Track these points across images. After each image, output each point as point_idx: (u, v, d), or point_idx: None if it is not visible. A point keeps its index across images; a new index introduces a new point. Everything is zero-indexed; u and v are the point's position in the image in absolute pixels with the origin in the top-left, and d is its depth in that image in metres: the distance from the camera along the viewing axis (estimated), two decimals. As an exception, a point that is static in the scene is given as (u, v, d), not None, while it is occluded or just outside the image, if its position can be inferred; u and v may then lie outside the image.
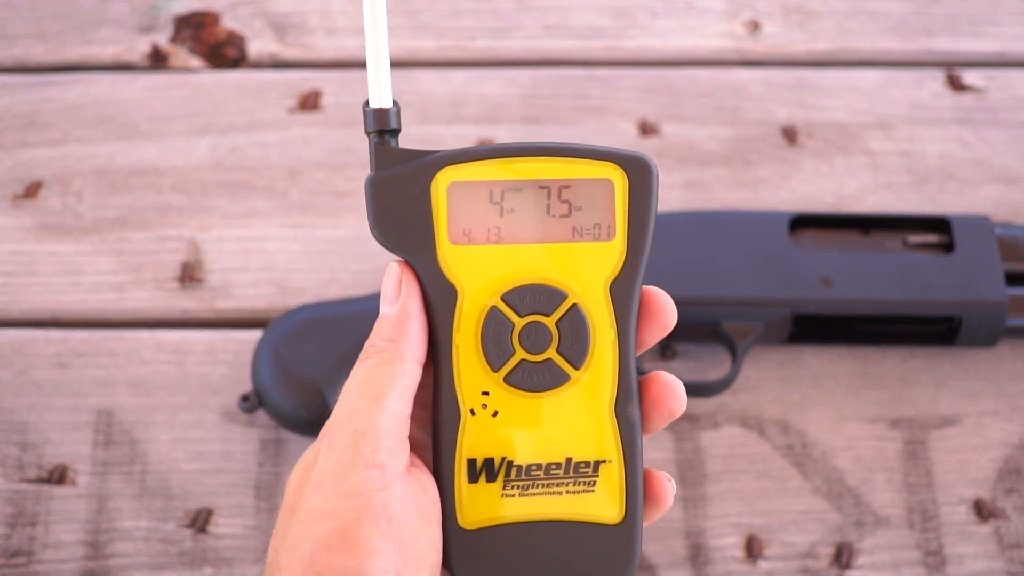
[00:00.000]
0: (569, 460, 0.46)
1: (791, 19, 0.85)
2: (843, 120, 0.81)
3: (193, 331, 0.75)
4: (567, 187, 0.46)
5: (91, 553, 0.68)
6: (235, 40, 0.85)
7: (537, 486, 0.46)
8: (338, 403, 0.45)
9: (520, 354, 0.46)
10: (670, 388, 0.47)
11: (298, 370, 0.68)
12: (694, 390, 0.70)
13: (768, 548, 0.69)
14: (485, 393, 0.46)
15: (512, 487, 0.46)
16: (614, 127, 0.81)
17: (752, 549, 0.69)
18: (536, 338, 0.46)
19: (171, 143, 0.81)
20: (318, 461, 0.44)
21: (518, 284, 0.46)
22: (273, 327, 0.70)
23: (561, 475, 0.46)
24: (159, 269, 0.76)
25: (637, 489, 0.47)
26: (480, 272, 0.46)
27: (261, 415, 0.71)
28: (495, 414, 0.46)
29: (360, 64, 0.83)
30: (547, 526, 0.46)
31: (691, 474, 0.71)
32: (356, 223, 0.78)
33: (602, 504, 0.46)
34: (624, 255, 0.46)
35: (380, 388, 0.44)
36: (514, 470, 0.46)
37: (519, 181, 0.46)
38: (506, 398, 0.46)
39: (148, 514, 0.69)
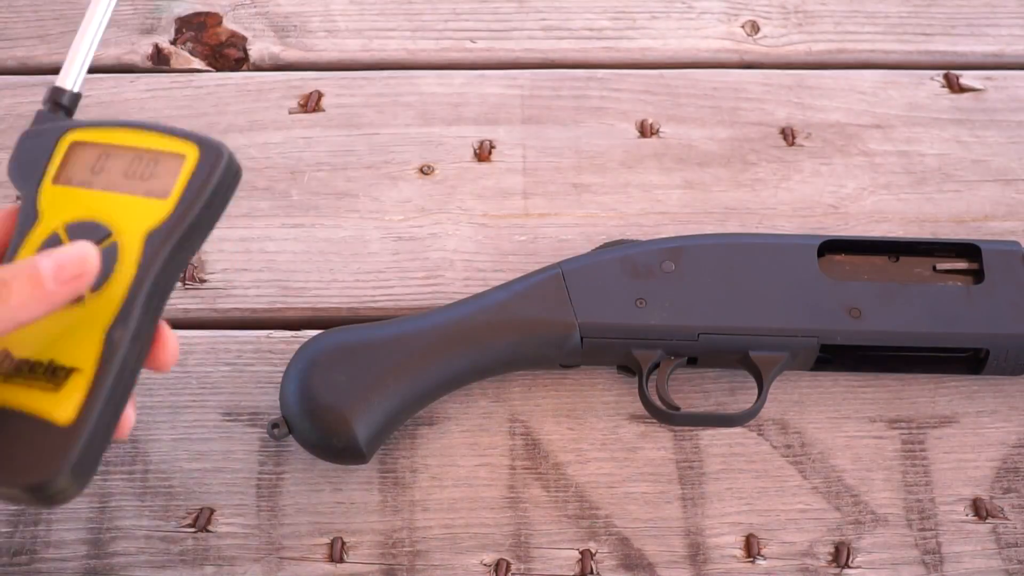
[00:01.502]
0: (51, 361, 0.53)
1: (790, 20, 0.86)
2: (842, 121, 0.82)
3: (195, 331, 0.75)
4: (151, 154, 0.56)
5: (93, 552, 0.68)
6: (236, 41, 0.85)
7: (19, 377, 0.53)
8: None
9: None
10: (162, 339, 0.55)
11: (327, 400, 0.67)
12: (720, 421, 0.70)
13: (767, 547, 0.69)
14: None
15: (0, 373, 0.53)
16: (614, 128, 0.82)
17: (751, 548, 0.69)
18: None
19: (172, 144, 0.81)
20: None
21: (80, 218, 0.55)
22: (302, 353, 0.69)
23: (40, 373, 0.53)
24: (161, 269, 0.76)
25: (97, 402, 0.52)
26: (60, 206, 0.55)
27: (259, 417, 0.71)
28: None
29: (360, 65, 0.83)
30: (9, 413, 0.52)
31: (690, 473, 0.71)
32: (357, 223, 0.78)
33: (60, 403, 0.52)
34: (169, 212, 0.55)
35: None
36: (8, 360, 0.53)
37: (122, 146, 0.56)
38: None
39: (150, 513, 0.69)
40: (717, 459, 0.71)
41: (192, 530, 0.69)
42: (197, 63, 0.85)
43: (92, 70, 0.83)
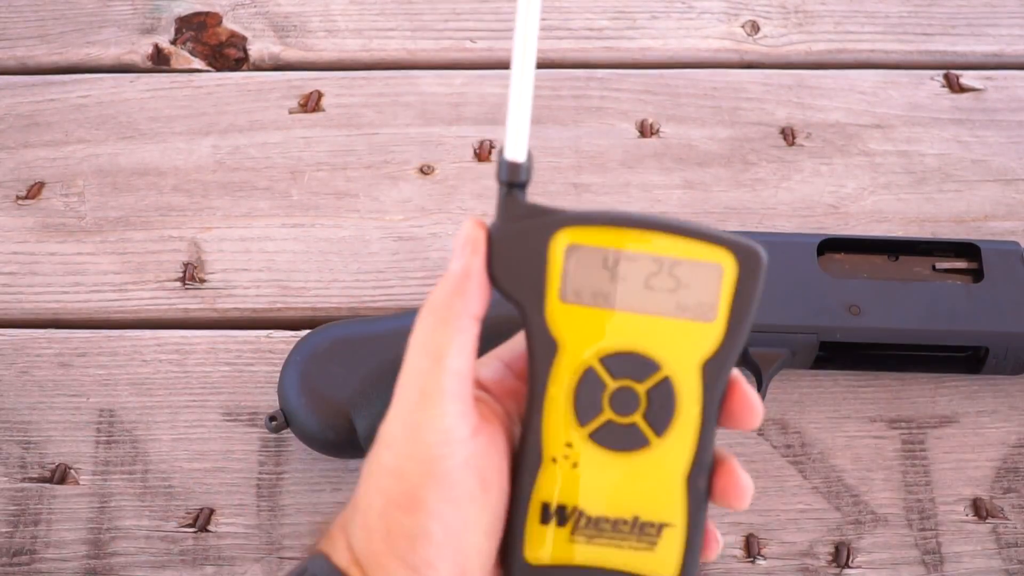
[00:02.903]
0: (636, 518, 0.49)
1: (790, 20, 0.86)
2: (842, 121, 0.82)
3: (194, 331, 0.75)
4: (678, 264, 0.48)
5: (93, 552, 0.68)
6: (236, 41, 0.86)
7: (603, 537, 0.49)
8: (404, 361, 0.48)
9: (608, 414, 0.48)
10: (739, 487, 0.49)
11: (325, 392, 0.67)
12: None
13: (767, 547, 0.69)
14: (569, 445, 0.49)
15: (579, 534, 0.49)
16: (614, 128, 0.81)
17: (751, 548, 0.69)
18: (625, 401, 0.48)
19: (173, 144, 0.81)
20: (388, 420, 0.47)
21: (617, 350, 0.48)
22: (300, 346, 0.69)
23: (627, 531, 0.49)
24: (160, 269, 0.77)
25: (694, 555, 0.49)
26: (583, 332, 0.48)
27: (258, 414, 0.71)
28: (575, 465, 0.49)
29: (360, 65, 0.83)
30: (605, 573, 0.49)
31: (690, 473, 0.71)
32: (357, 223, 0.78)
33: (659, 563, 0.49)
34: (722, 338, 0.48)
35: (440, 347, 0.47)
36: (584, 519, 0.49)
37: (634, 252, 0.48)
38: (588, 452, 0.49)
39: (150, 513, 0.69)
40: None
41: (192, 530, 0.69)
42: (197, 63, 0.85)
43: (92, 70, 0.84)
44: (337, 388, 0.67)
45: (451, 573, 0.46)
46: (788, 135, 0.81)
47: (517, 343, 0.51)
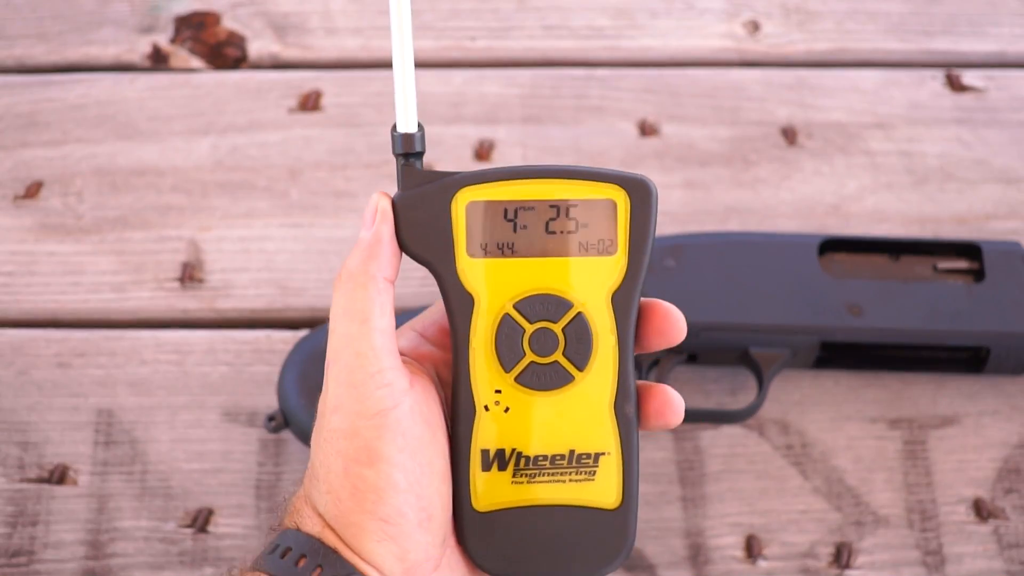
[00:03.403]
0: (572, 452, 0.52)
1: (791, 19, 0.86)
2: (843, 120, 0.82)
3: (193, 331, 0.75)
4: (574, 206, 0.51)
5: (92, 553, 0.68)
6: (235, 40, 0.85)
7: (543, 475, 0.52)
8: (330, 331, 0.50)
9: (530, 357, 0.51)
10: (671, 405, 0.52)
11: None
12: (719, 417, 0.70)
13: (768, 548, 0.69)
14: (498, 391, 0.51)
15: (521, 475, 0.52)
16: (614, 127, 0.81)
17: (752, 549, 0.69)
18: (544, 342, 0.51)
19: (171, 143, 0.81)
20: (329, 387, 0.50)
21: (529, 294, 0.51)
22: (299, 346, 0.69)
23: (565, 465, 0.52)
24: (159, 269, 0.76)
25: (633, 478, 0.52)
26: (495, 282, 0.51)
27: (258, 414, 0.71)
28: (507, 410, 0.52)
29: (360, 64, 0.83)
30: (552, 510, 0.52)
31: (691, 474, 0.71)
32: (356, 223, 0.78)
33: (601, 491, 0.52)
34: (625, 268, 0.51)
35: (363, 310, 0.50)
36: (523, 460, 0.52)
37: (531, 201, 0.51)
38: (517, 396, 0.51)
39: (148, 514, 0.69)
40: (718, 460, 0.71)
41: (191, 531, 0.69)
42: (196, 62, 0.85)
43: (90, 69, 0.84)
44: None
45: (418, 520, 0.49)
46: (789, 135, 0.81)
47: (428, 314, 0.55)
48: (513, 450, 0.51)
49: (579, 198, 0.51)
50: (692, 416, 0.70)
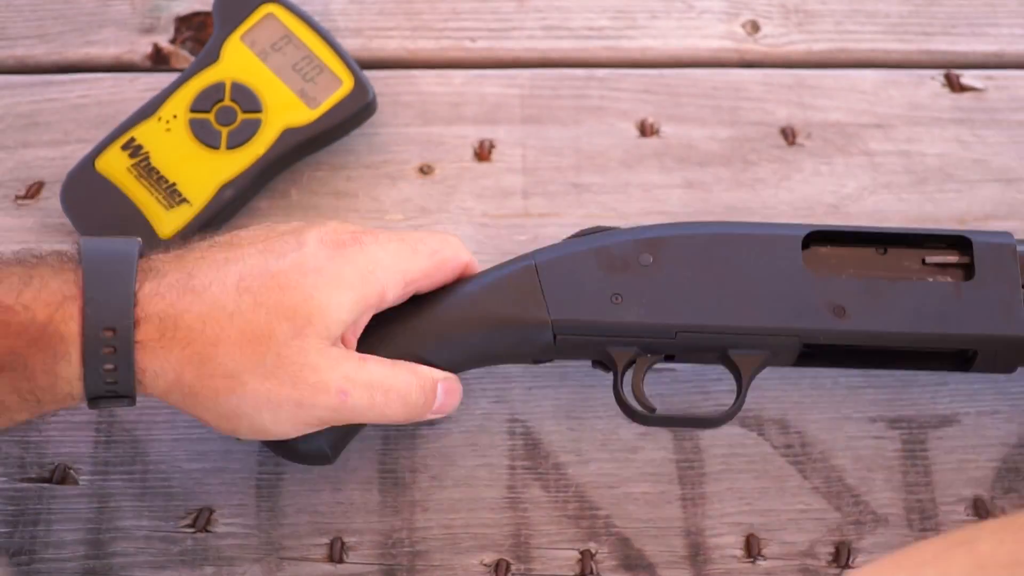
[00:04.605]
0: (174, 184, 0.74)
1: (790, 20, 0.86)
2: (842, 120, 0.82)
3: (194, 331, 0.75)
4: (322, 69, 0.78)
5: (92, 552, 0.68)
6: (236, 41, 0.85)
7: (146, 180, 0.74)
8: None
9: (211, 116, 0.76)
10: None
11: None
12: (697, 423, 0.69)
13: (767, 547, 0.69)
14: (175, 117, 0.76)
15: (135, 169, 0.74)
16: (614, 127, 0.81)
17: (751, 548, 0.69)
18: (227, 115, 0.75)
19: (172, 143, 0.81)
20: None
21: (249, 84, 0.76)
22: None
23: (163, 188, 0.74)
24: (160, 269, 0.76)
25: (188, 234, 0.72)
26: (240, 62, 0.76)
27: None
28: (168, 130, 0.76)
29: (360, 64, 0.83)
30: (130, 204, 0.74)
31: (691, 473, 0.71)
32: (356, 223, 0.78)
33: (167, 221, 0.74)
34: (310, 120, 0.76)
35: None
36: (145, 162, 0.74)
37: (301, 42, 0.77)
38: (181, 129, 0.75)
39: (149, 513, 0.69)
40: (717, 459, 0.71)
41: (191, 530, 0.69)
42: (196, 62, 0.84)
43: (91, 70, 0.84)
44: None
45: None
46: (788, 135, 0.81)
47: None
48: (146, 153, 0.74)
49: (324, 61, 0.77)
50: (667, 422, 0.69)
